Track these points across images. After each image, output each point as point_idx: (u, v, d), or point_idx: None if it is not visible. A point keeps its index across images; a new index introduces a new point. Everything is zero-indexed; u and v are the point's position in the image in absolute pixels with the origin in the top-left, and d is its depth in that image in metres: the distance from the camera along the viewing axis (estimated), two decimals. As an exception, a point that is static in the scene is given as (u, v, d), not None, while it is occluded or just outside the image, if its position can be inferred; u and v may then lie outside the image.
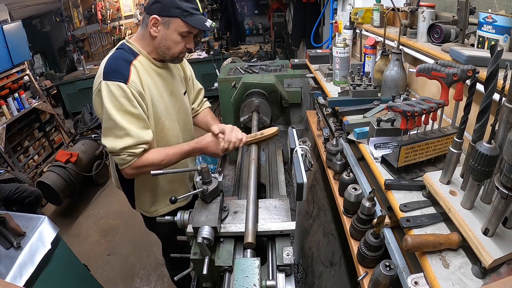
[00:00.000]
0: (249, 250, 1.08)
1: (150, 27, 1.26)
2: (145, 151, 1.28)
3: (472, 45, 1.14)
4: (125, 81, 1.20)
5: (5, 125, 3.60)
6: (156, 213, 1.56)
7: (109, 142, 1.23)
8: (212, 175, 1.21)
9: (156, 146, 1.38)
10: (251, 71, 2.42)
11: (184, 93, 1.54)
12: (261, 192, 1.65)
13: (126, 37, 1.34)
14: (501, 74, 0.76)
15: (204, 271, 0.99)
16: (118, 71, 1.22)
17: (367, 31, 1.88)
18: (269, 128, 1.49)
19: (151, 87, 1.31)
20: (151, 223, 1.65)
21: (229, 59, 3.40)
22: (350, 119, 1.35)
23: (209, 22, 1.29)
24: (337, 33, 2.34)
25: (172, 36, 1.27)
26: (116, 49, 1.32)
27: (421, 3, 1.38)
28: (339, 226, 1.76)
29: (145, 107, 1.28)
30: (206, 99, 1.75)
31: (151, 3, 1.25)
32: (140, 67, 1.28)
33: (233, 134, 1.38)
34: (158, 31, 1.26)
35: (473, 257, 0.72)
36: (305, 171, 1.27)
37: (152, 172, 1.17)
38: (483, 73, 0.88)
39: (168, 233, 1.62)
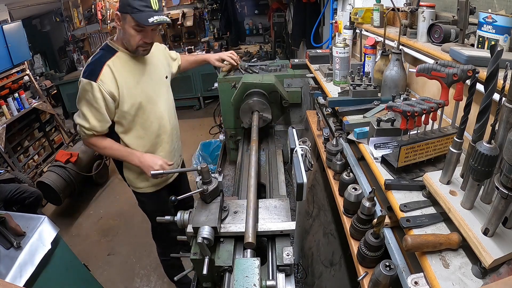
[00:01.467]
0: (249, 250, 1.08)
1: (116, 22, 1.51)
2: (93, 135, 1.57)
3: (472, 45, 1.13)
4: (95, 79, 1.45)
5: (5, 125, 3.60)
6: (143, 190, 1.79)
7: (76, 117, 1.57)
8: (212, 175, 1.21)
9: (141, 127, 1.63)
10: (251, 71, 2.42)
11: (166, 77, 1.79)
12: (261, 192, 1.65)
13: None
14: (501, 74, 0.76)
15: (204, 271, 0.99)
16: (91, 71, 1.48)
17: (367, 31, 1.88)
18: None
19: (127, 77, 1.54)
20: (140, 199, 1.87)
21: (229, 59, 3.39)
22: (350, 119, 1.35)
23: (152, 18, 1.42)
24: (337, 33, 2.34)
25: (128, 30, 1.48)
26: (100, 49, 1.57)
27: (421, 3, 1.38)
28: (339, 226, 1.76)
29: (114, 100, 1.51)
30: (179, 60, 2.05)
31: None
32: (116, 63, 1.52)
33: None
34: (120, 25, 1.50)
35: (473, 257, 0.72)
36: (305, 171, 1.27)
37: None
38: (483, 73, 0.88)
39: (156, 211, 1.80)
